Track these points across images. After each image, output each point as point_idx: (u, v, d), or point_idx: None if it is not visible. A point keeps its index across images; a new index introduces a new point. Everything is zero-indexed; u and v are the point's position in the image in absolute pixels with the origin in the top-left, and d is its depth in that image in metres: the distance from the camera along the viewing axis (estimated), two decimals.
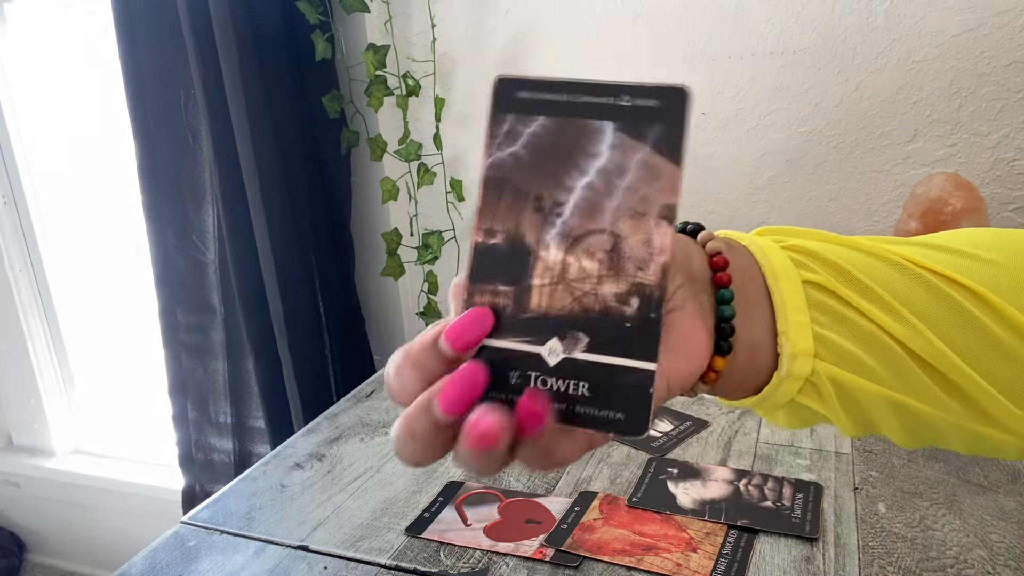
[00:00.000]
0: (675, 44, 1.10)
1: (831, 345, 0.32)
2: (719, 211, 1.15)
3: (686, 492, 0.55)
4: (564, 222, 0.28)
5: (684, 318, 0.31)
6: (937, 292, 0.32)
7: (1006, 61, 0.95)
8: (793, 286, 0.33)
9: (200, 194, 1.30)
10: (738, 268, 0.33)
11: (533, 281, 0.28)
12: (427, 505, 0.59)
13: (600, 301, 0.27)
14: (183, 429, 1.44)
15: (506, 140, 0.29)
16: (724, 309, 0.32)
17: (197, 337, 1.38)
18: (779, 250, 0.34)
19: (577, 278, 0.28)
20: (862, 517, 0.52)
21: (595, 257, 0.28)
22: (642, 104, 0.28)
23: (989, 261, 0.33)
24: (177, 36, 1.19)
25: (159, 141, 1.29)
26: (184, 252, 1.34)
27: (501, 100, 0.29)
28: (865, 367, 0.32)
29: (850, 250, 0.34)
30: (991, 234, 0.36)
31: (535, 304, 0.28)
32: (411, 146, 1.24)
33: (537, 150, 0.28)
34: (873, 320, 0.32)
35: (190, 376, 1.41)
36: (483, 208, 0.29)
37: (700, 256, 0.33)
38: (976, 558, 0.47)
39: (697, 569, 0.48)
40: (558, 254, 0.28)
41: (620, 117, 0.28)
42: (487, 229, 0.28)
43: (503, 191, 0.28)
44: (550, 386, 0.27)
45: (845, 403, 0.33)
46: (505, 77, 0.29)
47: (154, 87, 1.26)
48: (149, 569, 0.53)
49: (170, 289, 1.36)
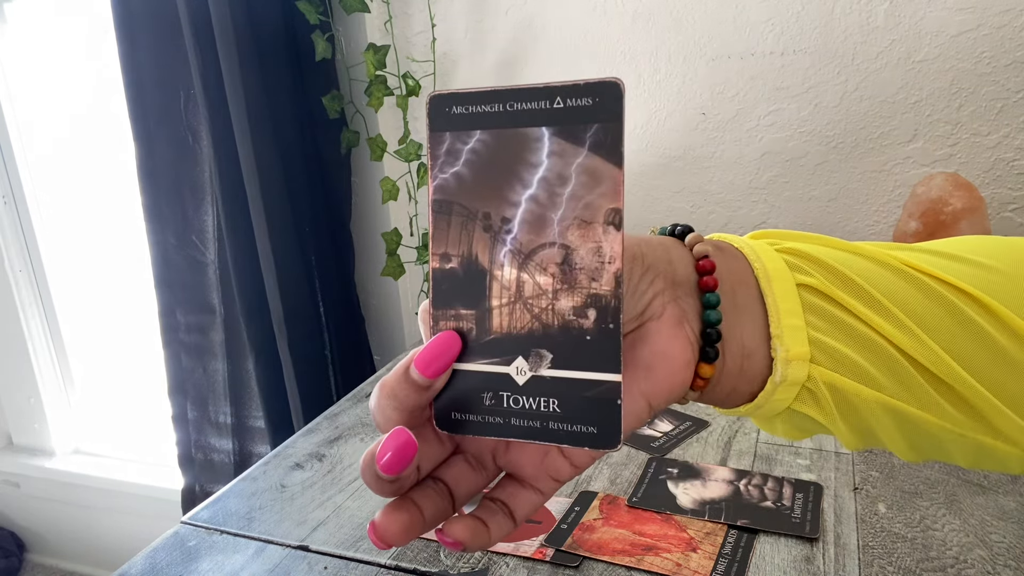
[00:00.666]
0: (675, 44, 1.10)
1: (828, 349, 0.31)
2: (719, 211, 1.15)
3: (686, 492, 0.55)
4: (514, 239, 0.28)
5: (662, 328, 0.30)
6: (937, 297, 0.31)
7: (1006, 61, 0.95)
8: (787, 289, 0.31)
9: (200, 194, 1.30)
10: (728, 271, 0.32)
11: (492, 302, 0.28)
12: None
13: (558, 316, 0.27)
14: (183, 429, 1.44)
15: (447, 160, 0.28)
16: (709, 314, 0.31)
17: (197, 337, 1.38)
18: (773, 253, 0.33)
19: (533, 295, 0.27)
20: (862, 517, 0.52)
21: (548, 271, 0.27)
22: (576, 104, 0.27)
23: (990, 268, 0.32)
24: (177, 36, 1.19)
25: (159, 141, 1.29)
26: (184, 252, 1.34)
27: (436, 119, 0.28)
28: (863, 372, 0.31)
29: (847, 254, 0.33)
30: (992, 241, 0.35)
31: (497, 325, 0.28)
32: (411, 146, 1.24)
33: (478, 167, 0.28)
34: (871, 325, 0.31)
35: (190, 376, 1.41)
36: (435, 233, 0.28)
37: (685, 260, 0.32)
38: (976, 558, 0.47)
39: (697, 569, 0.48)
40: (512, 272, 0.28)
41: (556, 121, 0.27)
42: (442, 254, 0.28)
43: (451, 213, 0.28)
44: (522, 405, 0.28)
45: (843, 411, 0.32)
46: (437, 94, 0.28)
47: (154, 87, 1.26)
48: (149, 569, 0.53)
49: (170, 289, 1.36)
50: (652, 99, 1.14)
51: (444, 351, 0.28)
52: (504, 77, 1.21)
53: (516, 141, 0.27)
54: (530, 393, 0.27)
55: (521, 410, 0.28)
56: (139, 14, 1.23)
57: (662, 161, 1.16)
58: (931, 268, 0.32)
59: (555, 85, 0.27)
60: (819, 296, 0.31)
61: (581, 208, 0.27)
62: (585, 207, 0.27)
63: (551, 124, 0.27)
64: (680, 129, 1.13)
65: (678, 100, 1.12)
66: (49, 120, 1.70)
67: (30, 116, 1.71)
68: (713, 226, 1.16)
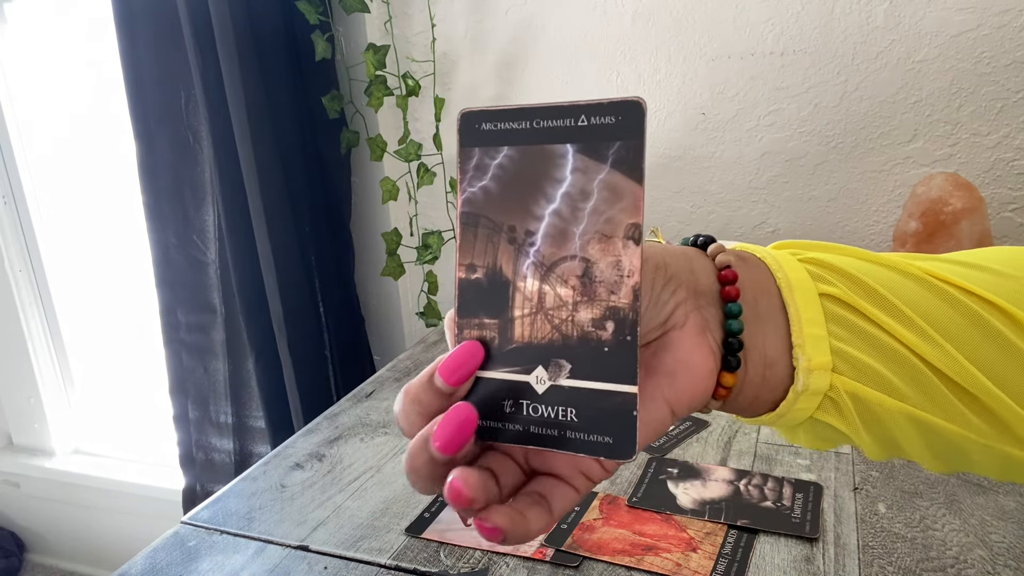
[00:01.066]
0: (675, 44, 1.10)
1: (850, 359, 0.31)
2: (719, 211, 1.15)
3: (686, 492, 0.55)
4: (537, 251, 0.28)
5: (684, 337, 0.30)
6: (961, 307, 0.31)
7: (1006, 61, 0.95)
8: (810, 298, 0.32)
9: (200, 194, 1.30)
10: (750, 281, 0.32)
11: (515, 312, 0.29)
12: (427, 505, 0.59)
13: (577, 327, 0.28)
14: (183, 429, 1.45)
15: (476, 174, 0.29)
16: (732, 323, 0.31)
17: (198, 337, 1.38)
18: (795, 262, 0.33)
19: (554, 306, 0.28)
20: (862, 517, 0.52)
21: (569, 284, 0.28)
22: (600, 122, 0.28)
23: (1012, 277, 0.32)
24: (177, 35, 1.19)
25: (159, 141, 1.29)
26: (185, 252, 1.34)
27: (467, 134, 0.29)
28: (886, 382, 0.31)
29: (870, 264, 0.33)
30: (1013, 251, 0.35)
31: (519, 335, 0.29)
32: (411, 146, 1.24)
33: (505, 182, 0.29)
34: (894, 335, 0.31)
35: (190, 376, 1.41)
36: (462, 244, 0.29)
37: (707, 270, 0.32)
38: (976, 558, 0.47)
39: (697, 569, 0.48)
40: (534, 284, 0.28)
41: (580, 138, 0.28)
42: (468, 264, 0.29)
43: (478, 226, 0.29)
44: (541, 413, 0.28)
45: (866, 420, 0.32)
46: (468, 111, 0.29)
47: (155, 86, 1.26)
48: (149, 569, 0.53)
49: (171, 289, 1.36)
50: (652, 99, 1.14)
51: (467, 360, 0.29)
52: (504, 77, 1.21)
53: (542, 157, 0.28)
54: (549, 402, 0.28)
55: (540, 418, 0.28)
56: (139, 13, 1.23)
57: (662, 161, 1.16)
58: (954, 278, 0.32)
59: (580, 104, 0.28)
60: (841, 306, 0.32)
61: (602, 223, 0.28)
62: (606, 222, 0.28)
63: (575, 141, 0.28)
64: (680, 129, 1.14)
65: (678, 100, 1.12)
66: (49, 120, 1.70)
67: (30, 116, 1.70)
68: (713, 226, 1.16)
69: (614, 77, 1.15)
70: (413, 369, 0.83)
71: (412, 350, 0.89)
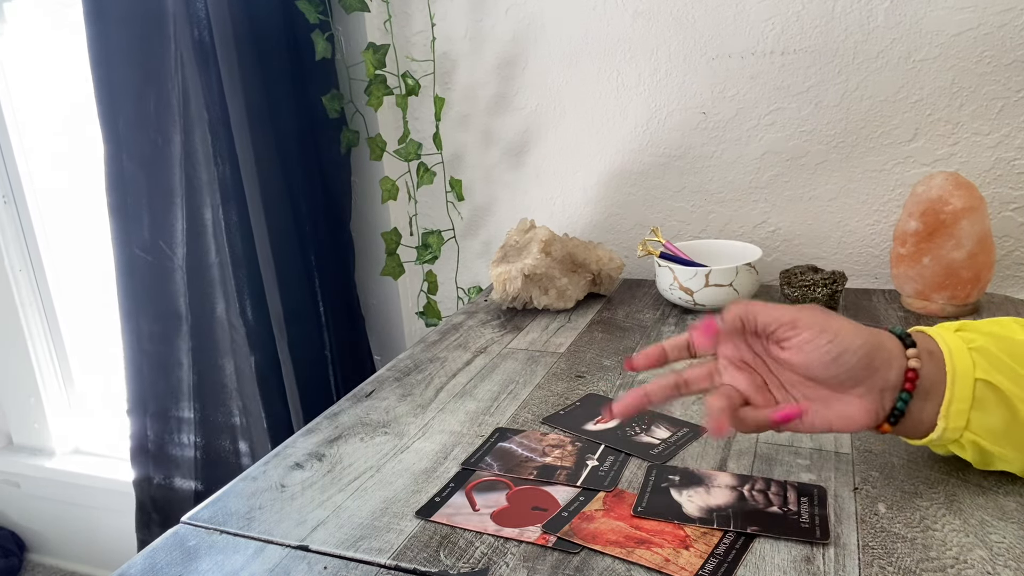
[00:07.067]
0: (675, 43, 1.10)
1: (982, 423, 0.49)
2: (719, 210, 1.15)
3: (691, 500, 0.55)
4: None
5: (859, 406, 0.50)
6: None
7: (1007, 60, 0.95)
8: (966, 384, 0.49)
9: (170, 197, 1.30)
10: (930, 376, 0.49)
11: None
12: (439, 490, 0.60)
13: None
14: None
15: None
16: (900, 405, 0.50)
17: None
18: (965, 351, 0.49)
19: None
20: (862, 517, 0.52)
21: None
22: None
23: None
24: (153, 38, 1.19)
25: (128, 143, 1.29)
26: (152, 255, 1.34)
27: None
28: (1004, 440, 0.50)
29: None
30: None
31: None
32: (411, 146, 1.24)
33: None
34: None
35: (151, 388, 1.41)
36: None
37: (900, 368, 0.49)
38: (976, 558, 0.47)
39: (684, 566, 0.48)
40: None
41: None
42: None
43: None
44: None
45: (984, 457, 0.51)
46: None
47: (124, 90, 1.27)
48: (149, 569, 0.53)
49: (133, 295, 1.37)
50: (652, 98, 1.13)
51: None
52: (504, 76, 1.21)
53: None
54: None
55: None
56: (113, 15, 1.23)
57: (662, 160, 1.16)
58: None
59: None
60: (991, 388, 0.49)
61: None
62: None
63: None
64: (680, 128, 1.13)
65: (678, 99, 1.12)
66: (49, 120, 1.70)
67: (30, 116, 1.70)
68: (713, 226, 1.15)
69: (614, 76, 1.15)
70: (413, 369, 0.83)
71: (412, 350, 0.89)
